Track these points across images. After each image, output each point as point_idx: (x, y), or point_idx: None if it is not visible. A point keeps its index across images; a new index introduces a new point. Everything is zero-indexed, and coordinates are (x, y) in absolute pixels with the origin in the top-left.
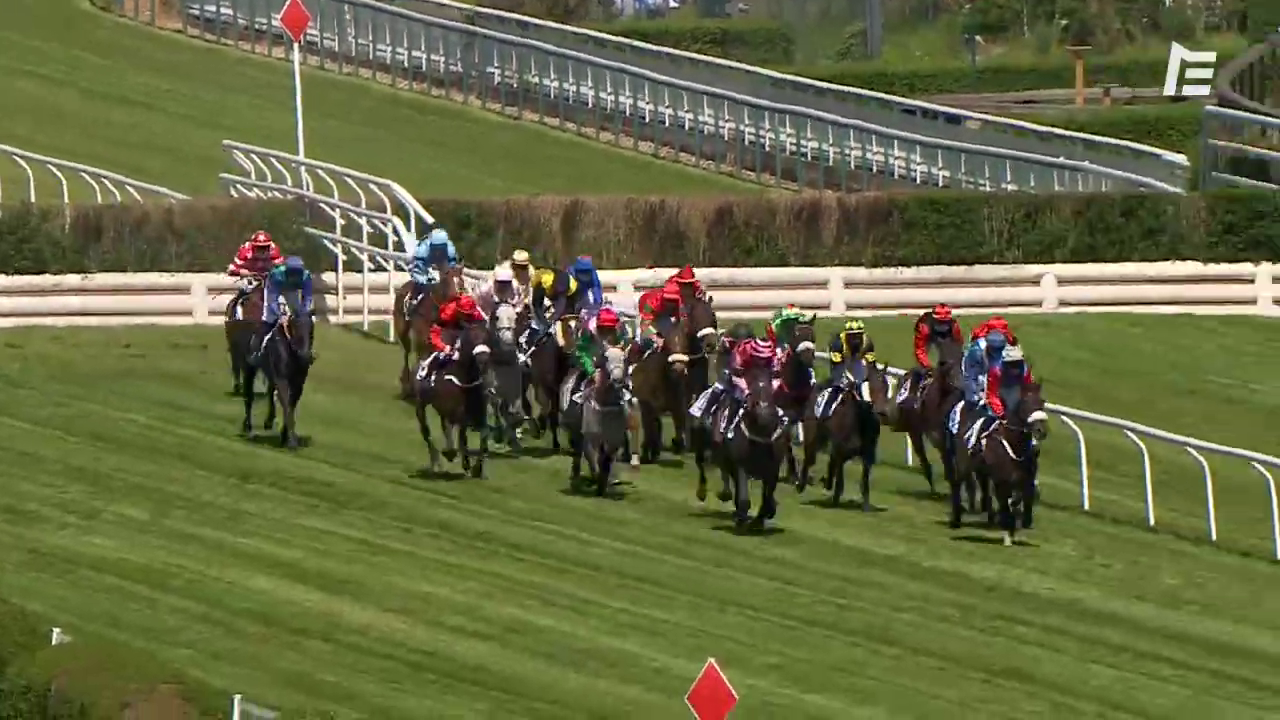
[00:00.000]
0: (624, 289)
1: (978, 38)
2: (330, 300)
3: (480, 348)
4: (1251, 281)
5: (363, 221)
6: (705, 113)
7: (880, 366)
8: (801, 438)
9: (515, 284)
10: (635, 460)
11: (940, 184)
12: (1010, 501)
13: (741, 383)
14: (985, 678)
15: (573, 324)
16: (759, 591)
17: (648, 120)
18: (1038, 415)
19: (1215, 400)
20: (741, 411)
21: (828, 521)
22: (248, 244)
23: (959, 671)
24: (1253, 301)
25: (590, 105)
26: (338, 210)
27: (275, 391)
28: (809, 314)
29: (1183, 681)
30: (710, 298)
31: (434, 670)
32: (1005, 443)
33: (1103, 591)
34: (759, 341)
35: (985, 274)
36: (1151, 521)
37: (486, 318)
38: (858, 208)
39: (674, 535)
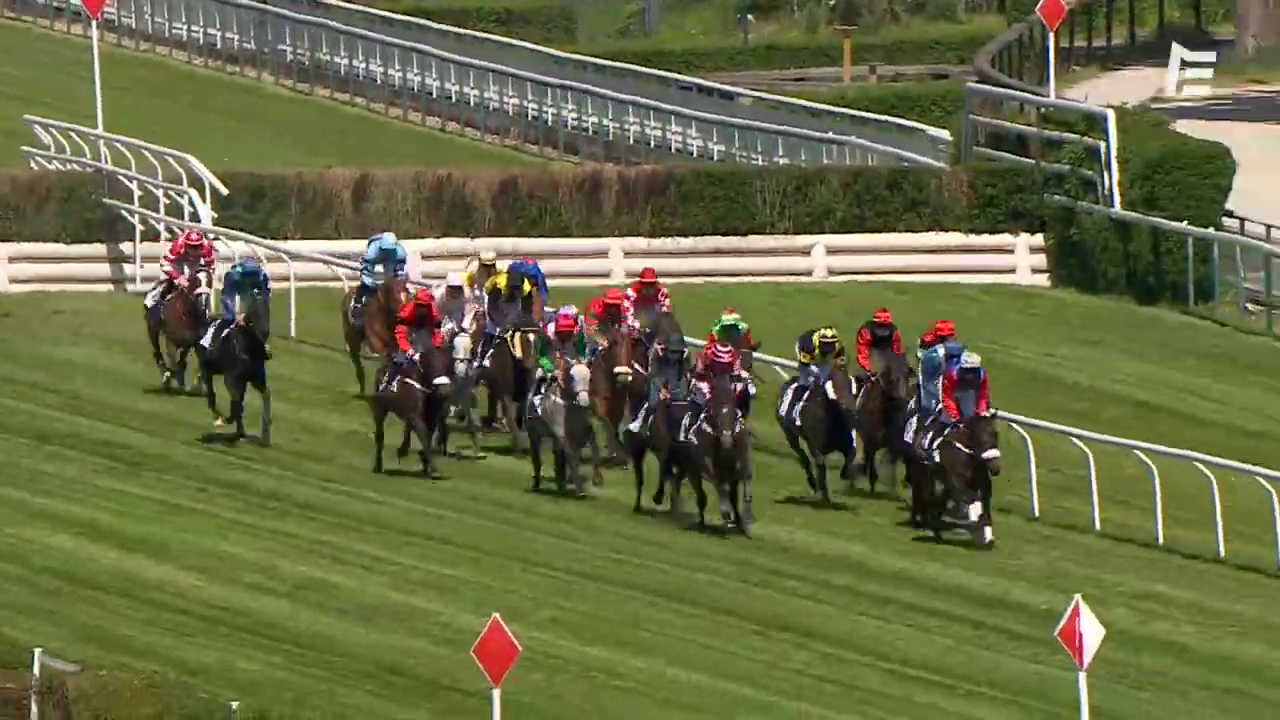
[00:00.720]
0: (413, 259)
1: (750, 17)
2: (128, 269)
3: (441, 379)
4: (1011, 251)
5: (160, 193)
6: (491, 89)
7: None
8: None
9: (466, 290)
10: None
11: (715, 158)
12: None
13: (704, 386)
14: (758, 629)
15: (530, 337)
16: (541, 548)
17: (435, 96)
18: (992, 454)
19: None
20: (703, 415)
21: (609, 481)
22: (180, 240)
23: (733, 624)
24: (1012, 270)
25: (379, 82)
26: (135, 182)
27: (235, 380)
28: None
29: (944, 631)
30: (670, 310)
31: (228, 625)
32: (959, 445)
33: (869, 547)
34: (719, 347)
35: (758, 244)
36: None
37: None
38: (637, 180)
39: (460, 494)
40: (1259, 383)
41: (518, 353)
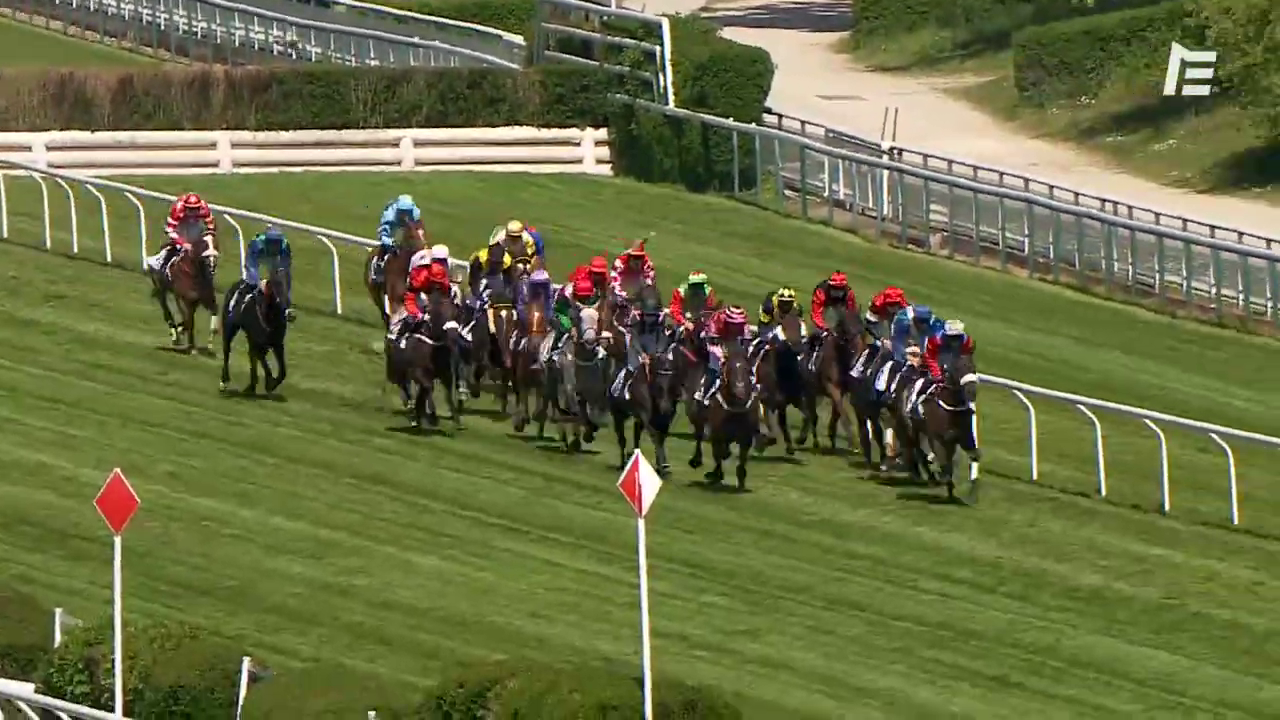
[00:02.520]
0: (38, 149)
1: None
2: None
3: (450, 324)
4: (578, 144)
5: None
6: None
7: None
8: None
9: (450, 260)
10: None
11: (313, 59)
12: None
13: (717, 351)
14: (354, 482)
15: (504, 313)
16: (158, 409)
17: (58, 2)
18: (969, 378)
19: (549, 244)
20: (717, 382)
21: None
22: (179, 202)
23: (332, 477)
24: (579, 161)
25: None
26: None
27: (263, 350)
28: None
29: (519, 483)
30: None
31: None
32: (941, 402)
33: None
34: (733, 309)
35: (352, 137)
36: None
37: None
38: (242, 80)
39: (82, 362)
40: (794, 260)
41: (492, 328)
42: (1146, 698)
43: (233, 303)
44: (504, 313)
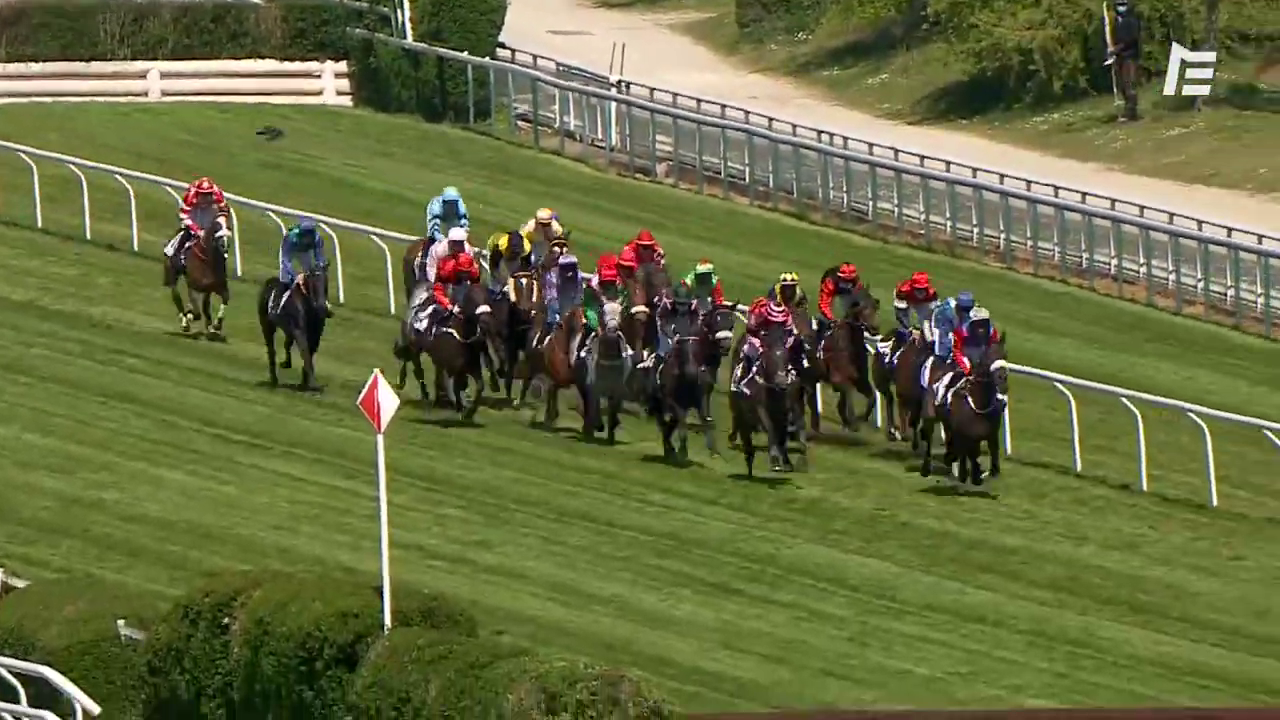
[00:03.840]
0: None
1: None
2: None
3: (483, 308)
4: (319, 77)
5: None
6: None
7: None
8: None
9: (469, 246)
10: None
11: None
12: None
13: (756, 342)
14: (103, 400)
15: (523, 282)
16: None
17: None
18: (999, 364)
19: (291, 172)
20: (755, 369)
21: None
22: (192, 188)
23: (81, 395)
24: (320, 93)
25: None
26: None
27: (292, 343)
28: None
29: (263, 401)
30: (663, 267)
31: None
32: (970, 398)
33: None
34: (774, 305)
35: (101, 69)
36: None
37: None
38: None
39: None
40: (528, 188)
41: (514, 297)
42: (859, 603)
43: (270, 301)
44: (523, 280)
